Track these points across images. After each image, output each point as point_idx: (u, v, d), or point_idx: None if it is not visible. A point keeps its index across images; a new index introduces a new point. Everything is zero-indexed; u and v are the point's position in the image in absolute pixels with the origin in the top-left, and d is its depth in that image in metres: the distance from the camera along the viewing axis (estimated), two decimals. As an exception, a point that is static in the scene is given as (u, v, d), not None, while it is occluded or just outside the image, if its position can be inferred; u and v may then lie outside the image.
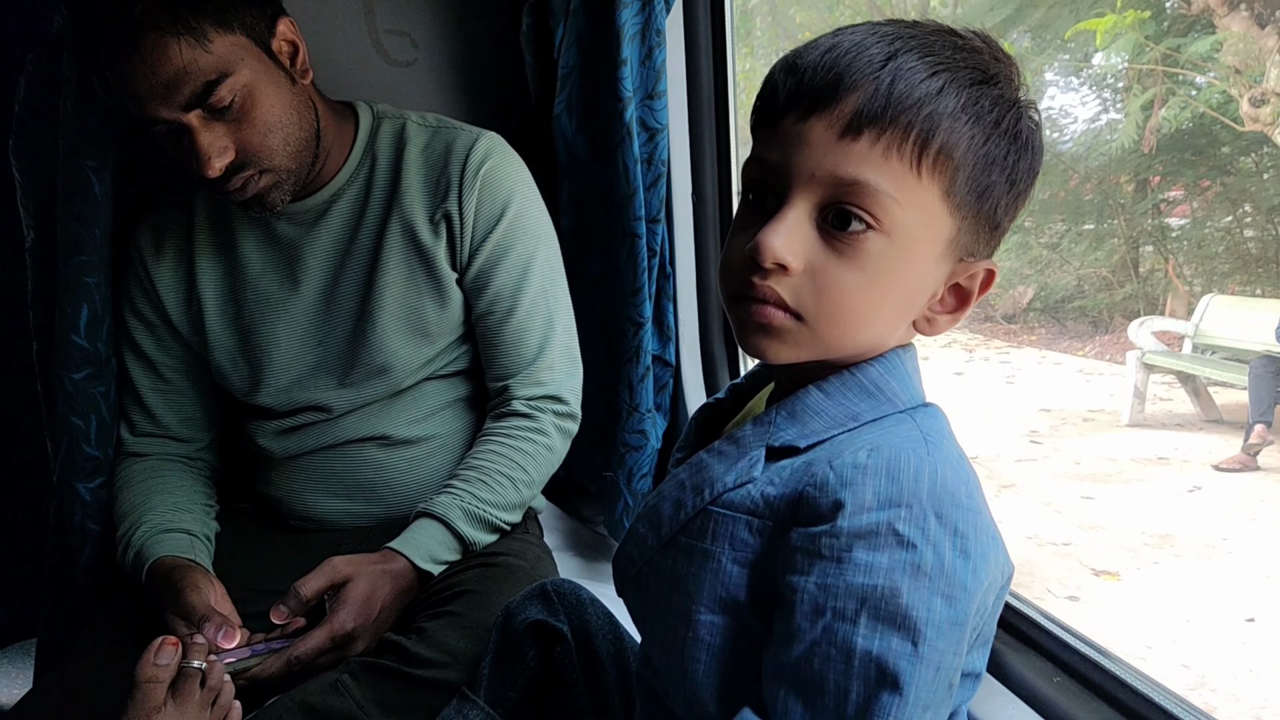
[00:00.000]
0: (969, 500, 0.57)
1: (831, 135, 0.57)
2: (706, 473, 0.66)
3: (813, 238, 0.59)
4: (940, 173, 0.57)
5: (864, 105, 0.56)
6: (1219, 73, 6.12)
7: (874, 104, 0.55)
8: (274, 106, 1.05)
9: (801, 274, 0.59)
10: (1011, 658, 0.91)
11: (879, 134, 0.56)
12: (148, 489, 1.18)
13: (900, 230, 0.58)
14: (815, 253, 0.58)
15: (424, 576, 1.09)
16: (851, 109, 0.56)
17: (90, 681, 1.00)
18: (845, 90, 0.56)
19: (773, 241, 0.57)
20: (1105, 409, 5.66)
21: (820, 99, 0.57)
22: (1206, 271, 7.34)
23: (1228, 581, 3.29)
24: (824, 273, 0.58)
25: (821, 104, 0.57)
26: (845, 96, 0.56)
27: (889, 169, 0.56)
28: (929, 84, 0.56)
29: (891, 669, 0.53)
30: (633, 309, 1.42)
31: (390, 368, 1.19)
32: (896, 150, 0.56)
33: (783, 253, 0.57)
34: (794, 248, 0.58)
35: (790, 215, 0.58)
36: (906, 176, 0.56)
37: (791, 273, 0.58)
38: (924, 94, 0.55)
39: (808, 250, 0.58)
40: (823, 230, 0.58)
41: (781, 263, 0.58)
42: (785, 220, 0.58)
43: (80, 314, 1.18)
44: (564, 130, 1.46)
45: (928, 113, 0.55)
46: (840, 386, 0.64)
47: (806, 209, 0.58)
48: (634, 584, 0.71)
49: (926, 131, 0.55)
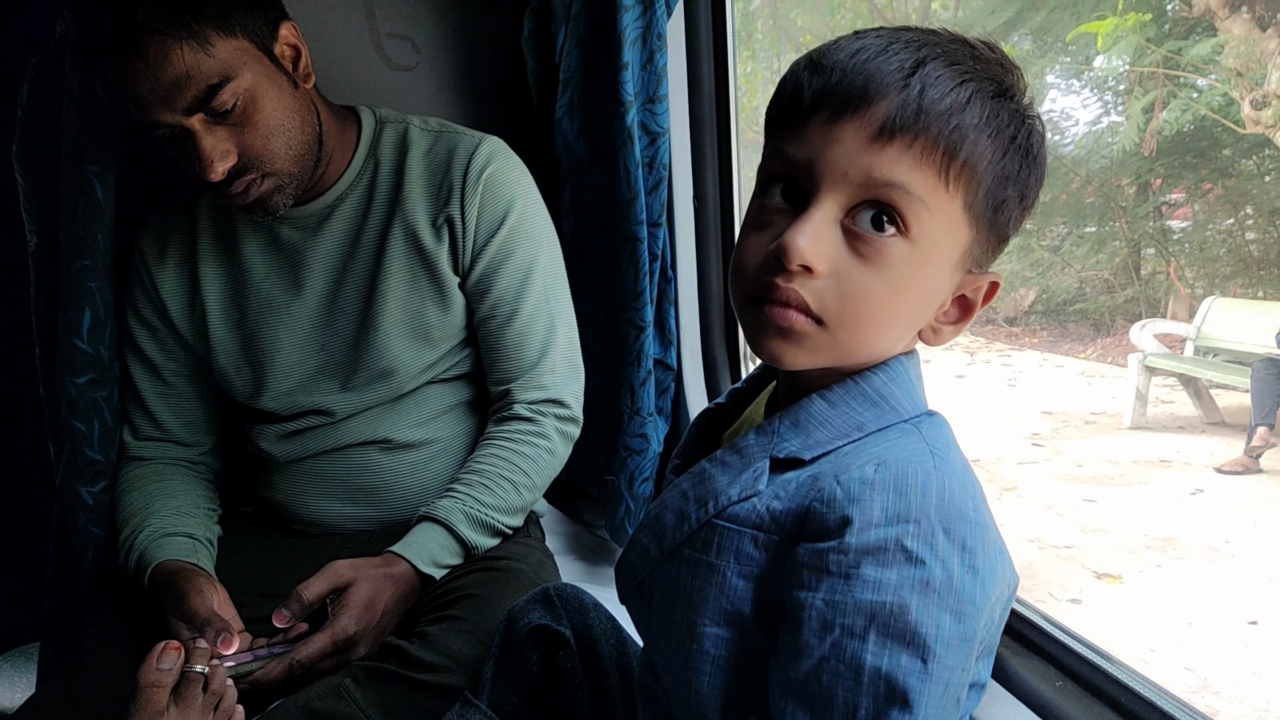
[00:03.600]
0: (976, 514, 0.57)
1: (864, 137, 0.56)
2: (710, 484, 0.65)
3: (838, 240, 0.58)
4: (964, 184, 0.57)
5: (896, 111, 0.55)
6: (1220, 75, 6.12)
7: (906, 110, 0.55)
8: (276, 110, 1.05)
9: (826, 277, 0.58)
10: (1014, 662, 0.91)
11: (911, 140, 0.56)
12: (150, 493, 1.19)
13: (925, 238, 0.58)
14: (840, 256, 0.58)
15: (426, 580, 1.09)
16: (884, 114, 0.56)
17: (93, 686, 1.00)
18: (876, 94, 0.56)
19: (800, 242, 0.56)
20: (1107, 411, 5.66)
21: (850, 101, 0.57)
22: (1208, 274, 7.34)
23: (1230, 584, 3.28)
24: (848, 277, 0.58)
25: (852, 106, 0.57)
26: (876, 101, 0.56)
27: (920, 175, 0.56)
28: (957, 94, 0.56)
29: (901, 686, 0.53)
30: (634, 313, 1.42)
31: (393, 372, 1.19)
32: (927, 158, 0.56)
33: (810, 255, 0.56)
34: (821, 250, 0.57)
35: (817, 215, 0.57)
36: (936, 184, 0.56)
37: (816, 275, 0.57)
38: (953, 104, 0.56)
39: (833, 253, 0.58)
40: (848, 233, 0.58)
41: (808, 265, 0.57)
42: (812, 220, 0.57)
43: (83, 318, 1.19)
44: (565, 134, 1.46)
45: (955, 124, 0.56)
46: (844, 395, 0.63)
47: (834, 210, 0.58)
48: (637, 593, 0.71)
49: (955, 143, 0.56)
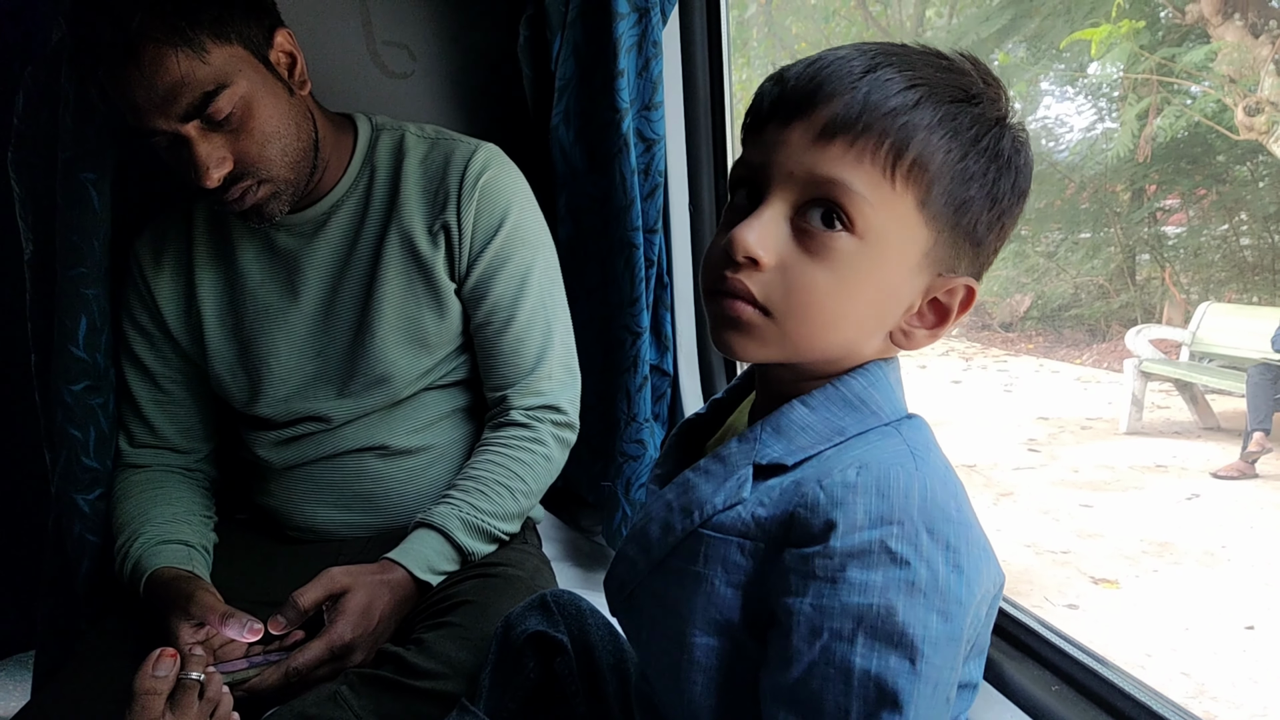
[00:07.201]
0: (959, 514, 0.58)
1: (808, 138, 0.58)
2: (694, 494, 0.65)
3: (786, 235, 0.60)
4: (915, 183, 0.58)
5: (840, 112, 0.57)
6: (1214, 82, 6.15)
7: (849, 111, 0.57)
8: (272, 117, 1.05)
9: (773, 270, 0.60)
10: (1010, 667, 0.91)
11: (853, 139, 0.57)
12: (146, 500, 1.18)
13: (872, 234, 0.59)
14: (788, 250, 0.60)
15: (422, 587, 1.09)
16: (828, 115, 0.58)
17: (88, 693, 0.99)
18: (823, 98, 0.58)
19: (746, 236, 0.59)
20: (1103, 417, 5.67)
21: (800, 106, 0.59)
22: (1203, 279, 7.36)
23: (1227, 589, 3.29)
24: (794, 270, 0.59)
25: (801, 110, 0.59)
26: (823, 104, 0.58)
27: (862, 172, 0.57)
28: (905, 96, 0.57)
29: (891, 688, 0.53)
30: (630, 319, 1.42)
31: (389, 378, 1.19)
32: (870, 156, 0.57)
33: (755, 246, 0.59)
34: (766, 243, 0.59)
35: (766, 213, 0.60)
36: (881, 182, 0.58)
37: (763, 268, 0.59)
38: (899, 105, 0.57)
39: (780, 247, 0.60)
40: (797, 229, 0.60)
41: (753, 256, 0.59)
42: (761, 217, 0.60)
43: (79, 325, 1.18)
44: (561, 141, 1.46)
45: (902, 123, 0.57)
46: (824, 400, 0.64)
47: (783, 207, 0.60)
48: (627, 606, 0.71)
49: (901, 141, 0.57)
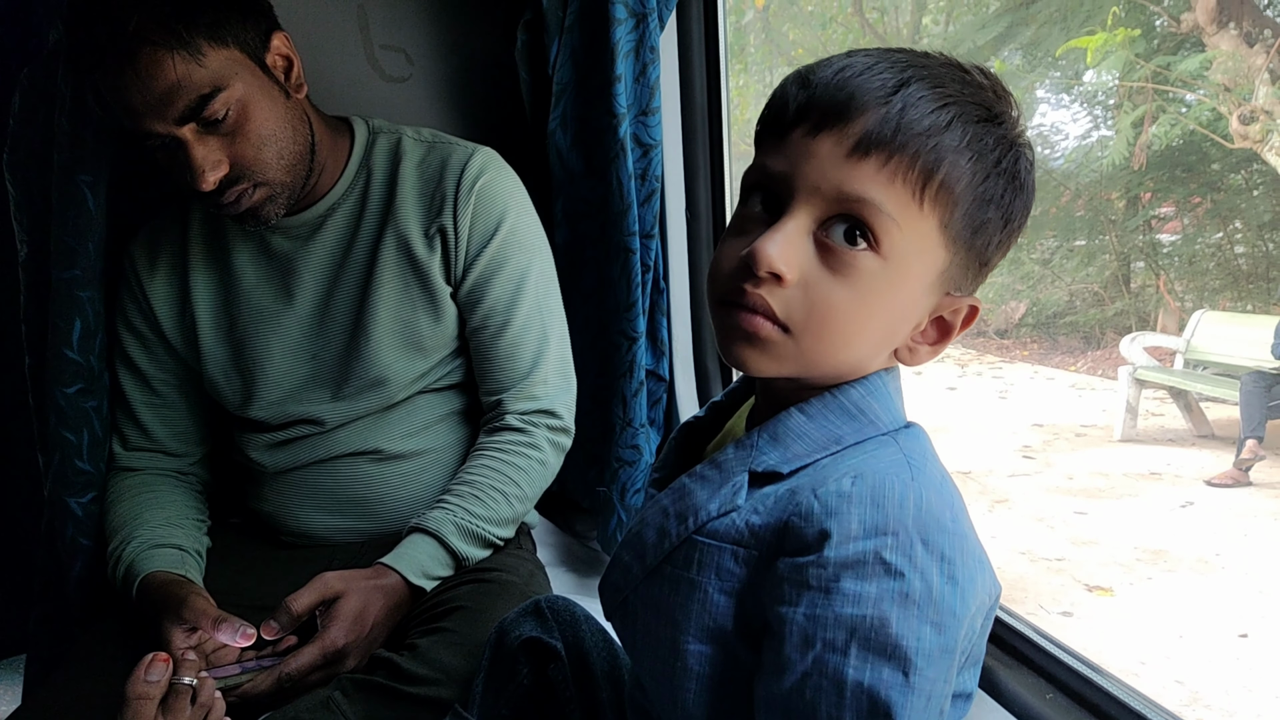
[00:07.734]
0: (954, 524, 0.57)
1: (840, 152, 0.57)
2: (689, 500, 0.65)
3: (809, 251, 0.58)
4: (940, 204, 0.57)
5: (874, 128, 0.56)
6: (1208, 90, 6.17)
7: (884, 128, 0.56)
8: (268, 120, 1.05)
9: (794, 286, 0.58)
10: (1004, 674, 0.91)
11: (886, 158, 0.56)
12: (139, 504, 1.18)
13: (896, 254, 0.58)
14: (810, 266, 0.58)
15: (416, 592, 1.09)
16: (861, 129, 0.56)
17: (80, 697, 0.99)
18: (856, 111, 0.57)
19: (770, 250, 0.57)
20: (1097, 424, 5.67)
21: (830, 116, 0.57)
22: (1197, 287, 7.38)
23: (1221, 597, 3.29)
24: (816, 287, 0.58)
25: (831, 121, 0.57)
26: (856, 117, 0.56)
27: (893, 192, 0.56)
28: (938, 115, 0.56)
29: (884, 700, 0.53)
30: (627, 324, 1.42)
31: (384, 381, 1.19)
32: (901, 176, 0.56)
33: (779, 262, 0.57)
34: (790, 259, 0.58)
35: (790, 225, 0.58)
36: (909, 203, 0.57)
37: (785, 284, 0.58)
38: (932, 125, 0.56)
39: (803, 263, 0.58)
40: (820, 245, 0.58)
41: (776, 272, 0.57)
42: (784, 230, 0.58)
43: (73, 328, 1.18)
44: (558, 146, 1.46)
45: (934, 144, 0.56)
46: (822, 409, 0.63)
47: (807, 221, 0.58)
48: (621, 612, 0.70)
49: (932, 163, 0.56)
